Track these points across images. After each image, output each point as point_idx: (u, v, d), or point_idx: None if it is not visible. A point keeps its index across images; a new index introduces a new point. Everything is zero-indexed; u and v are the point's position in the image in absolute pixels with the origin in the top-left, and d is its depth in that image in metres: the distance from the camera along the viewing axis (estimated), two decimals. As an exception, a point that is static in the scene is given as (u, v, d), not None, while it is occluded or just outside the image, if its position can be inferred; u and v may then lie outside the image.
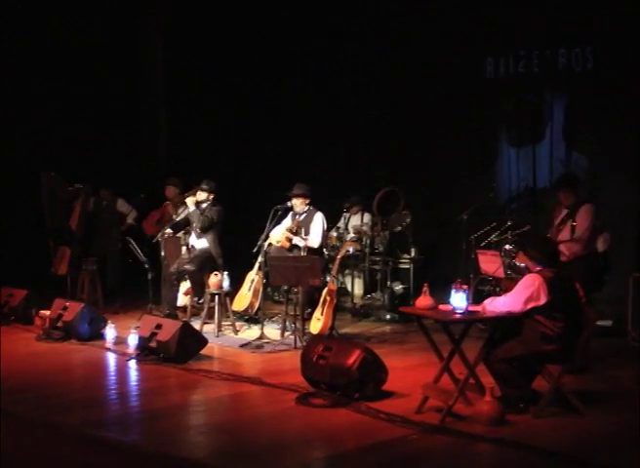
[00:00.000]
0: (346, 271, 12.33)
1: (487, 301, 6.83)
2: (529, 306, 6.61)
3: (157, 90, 16.19)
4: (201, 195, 10.80)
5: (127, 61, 15.33)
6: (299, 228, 10.39)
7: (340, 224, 12.67)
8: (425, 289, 6.91)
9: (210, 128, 15.72)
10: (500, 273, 10.18)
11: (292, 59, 15.07)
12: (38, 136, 14.15)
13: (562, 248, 8.12)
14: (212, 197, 10.83)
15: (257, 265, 10.53)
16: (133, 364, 8.72)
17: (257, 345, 9.50)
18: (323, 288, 9.99)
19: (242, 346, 9.52)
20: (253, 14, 15.32)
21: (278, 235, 10.45)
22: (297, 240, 10.35)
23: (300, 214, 10.51)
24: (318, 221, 10.42)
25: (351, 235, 12.05)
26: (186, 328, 8.84)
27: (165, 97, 16.19)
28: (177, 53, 15.85)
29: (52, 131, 14.25)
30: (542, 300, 6.59)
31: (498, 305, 6.70)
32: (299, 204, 10.48)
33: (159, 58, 16.16)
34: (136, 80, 15.65)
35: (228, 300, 10.42)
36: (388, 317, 11.38)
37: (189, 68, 15.74)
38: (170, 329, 8.72)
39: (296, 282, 9.60)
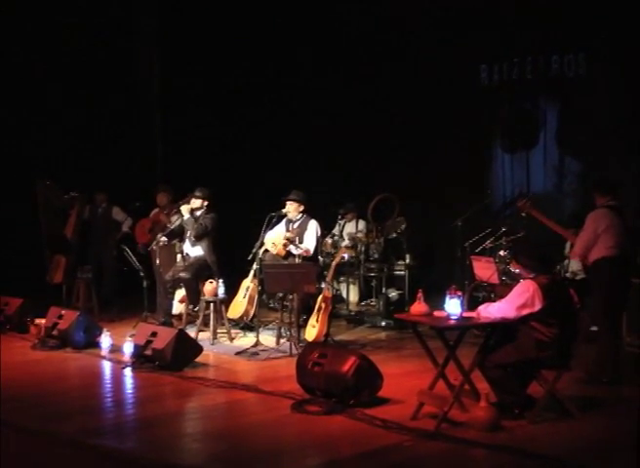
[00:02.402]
0: (341, 278, 12.33)
1: (481, 307, 6.85)
2: (523, 313, 6.62)
3: (152, 96, 16.19)
4: (195, 202, 10.81)
5: (122, 68, 15.33)
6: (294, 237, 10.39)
7: (335, 231, 12.69)
8: (420, 295, 6.92)
9: (206, 134, 15.72)
10: (495, 279, 10.19)
11: (287, 65, 15.09)
12: (34, 143, 14.15)
13: None
14: (206, 204, 10.84)
15: (252, 272, 10.54)
16: (128, 372, 8.72)
17: (252, 352, 9.51)
18: (318, 294, 9.99)
19: (237, 353, 9.52)
20: (247, 19, 15.33)
21: (273, 238, 10.42)
22: (292, 248, 10.34)
23: (294, 222, 10.52)
24: (312, 229, 10.42)
25: (346, 242, 12.06)
26: (182, 335, 8.85)
27: (160, 103, 16.19)
28: (172, 59, 15.85)
29: (47, 139, 14.25)
30: (537, 307, 6.61)
31: (492, 311, 6.72)
32: (292, 210, 10.48)
33: (154, 64, 16.16)
34: (131, 87, 15.64)
35: (224, 308, 10.44)
36: (383, 323, 11.39)
37: (185, 75, 15.74)
38: (165, 336, 8.73)
39: (291, 289, 9.62)
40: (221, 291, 10.23)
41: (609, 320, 8.12)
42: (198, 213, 10.82)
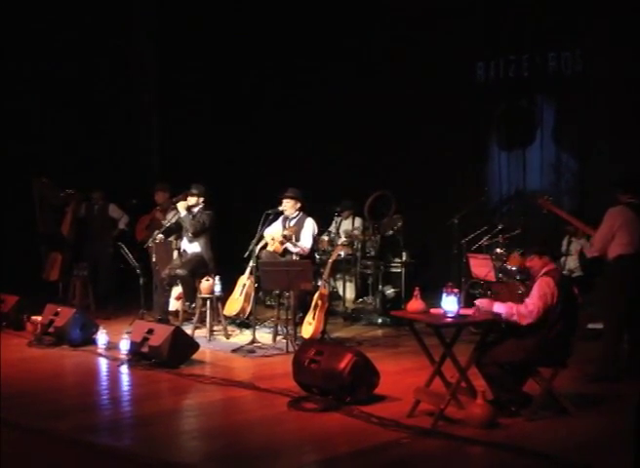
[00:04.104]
0: (338, 275, 12.32)
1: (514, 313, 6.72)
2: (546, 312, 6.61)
3: (149, 94, 16.17)
4: (191, 200, 10.80)
5: (118, 66, 15.31)
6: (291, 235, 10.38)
7: (332, 228, 12.67)
8: (417, 292, 6.92)
9: (202, 132, 15.71)
10: (491, 277, 10.20)
11: (284, 62, 15.07)
12: (30, 141, 14.13)
13: None
14: (202, 200, 10.84)
15: (248, 270, 10.52)
16: (125, 369, 8.72)
17: (248, 350, 9.51)
18: (315, 292, 9.99)
19: (234, 351, 9.52)
20: (245, 17, 15.33)
21: (273, 233, 10.40)
22: (289, 246, 10.33)
23: (291, 219, 10.51)
24: (309, 227, 10.41)
25: (343, 239, 12.04)
26: (178, 332, 8.84)
27: (157, 100, 16.17)
28: (169, 56, 15.84)
29: (43, 136, 14.23)
30: (553, 303, 6.60)
31: (527, 314, 6.64)
32: (289, 207, 10.47)
33: (151, 61, 16.14)
34: (128, 84, 15.63)
35: (220, 305, 10.43)
36: (380, 321, 11.39)
37: (181, 72, 15.72)
38: (161, 333, 8.72)
39: (287, 286, 9.61)
40: (218, 288, 10.22)
41: (616, 317, 8.09)
42: (195, 210, 10.81)
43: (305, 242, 10.34)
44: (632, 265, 8.03)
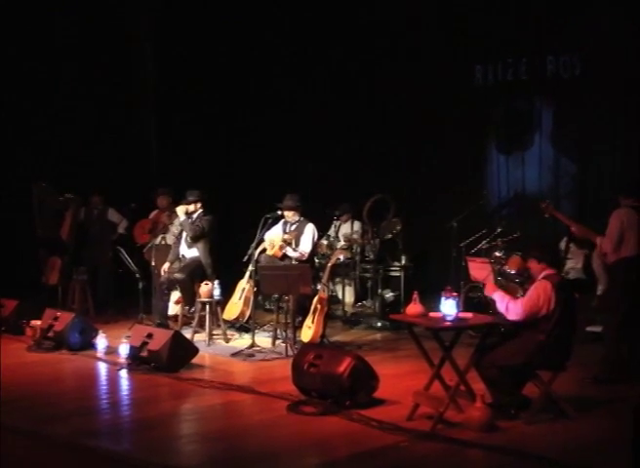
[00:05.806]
0: (337, 279, 12.31)
1: (502, 304, 6.77)
2: (537, 316, 6.61)
3: (148, 98, 16.16)
4: (189, 207, 10.81)
5: (118, 70, 15.30)
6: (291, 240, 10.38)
7: (331, 232, 12.67)
8: (416, 296, 6.93)
9: (201, 136, 15.71)
10: (490, 280, 10.17)
11: (284, 65, 15.07)
12: (29, 146, 14.13)
13: None
14: (199, 205, 10.85)
15: (247, 274, 10.53)
16: (124, 373, 8.72)
17: (248, 354, 9.50)
18: (314, 296, 9.99)
19: (233, 355, 9.52)
20: (244, 18, 15.32)
21: (273, 238, 10.40)
22: (289, 251, 10.34)
23: (292, 224, 10.51)
24: (309, 233, 10.40)
25: (342, 243, 12.06)
26: (177, 337, 8.84)
27: (156, 105, 16.16)
28: (168, 61, 15.83)
29: (42, 141, 14.23)
30: (552, 307, 6.60)
31: (510, 309, 6.66)
32: (290, 215, 10.49)
33: (150, 66, 16.13)
34: (127, 89, 15.61)
35: (219, 309, 10.43)
36: (379, 324, 11.38)
37: (181, 77, 15.72)
38: (161, 338, 8.72)
39: (286, 290, 9.61)
40: (217, 292, 10.22)
41: (618, 319, 8.09)
42: (195, 215, 10.82)
43: (305, 247, 10.34)
44: (635, 267, 8.05)
